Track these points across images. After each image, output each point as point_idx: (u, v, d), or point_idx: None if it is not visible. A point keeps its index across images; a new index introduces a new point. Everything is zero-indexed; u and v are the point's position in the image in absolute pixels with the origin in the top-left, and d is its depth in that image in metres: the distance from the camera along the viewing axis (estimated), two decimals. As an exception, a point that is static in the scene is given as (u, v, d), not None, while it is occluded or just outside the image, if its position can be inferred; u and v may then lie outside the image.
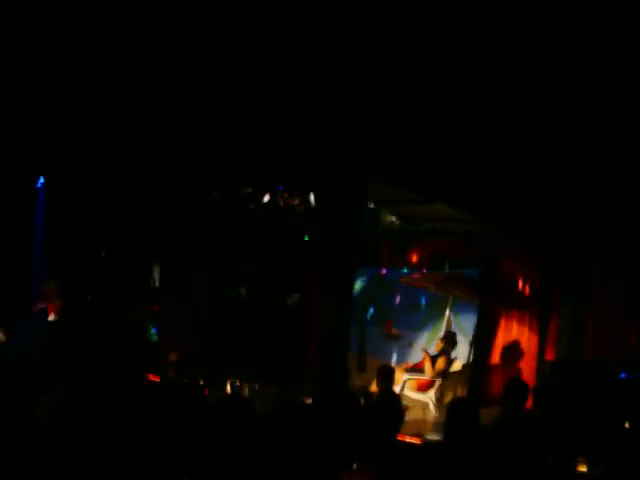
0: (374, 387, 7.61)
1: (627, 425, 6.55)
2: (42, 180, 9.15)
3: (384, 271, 12.05)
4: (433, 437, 7.95)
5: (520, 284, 10.90)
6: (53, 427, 4.82)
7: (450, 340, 10.21)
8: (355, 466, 6.14)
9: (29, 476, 4.16)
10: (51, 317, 9.46)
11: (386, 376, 6.73)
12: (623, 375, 7.96)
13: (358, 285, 11.85)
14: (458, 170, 7.01)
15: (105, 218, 10.16)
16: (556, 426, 5.72)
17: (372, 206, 8.83)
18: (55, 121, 6.52)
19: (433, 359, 10.09)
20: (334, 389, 5.59)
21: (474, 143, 6.44)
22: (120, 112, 6.14)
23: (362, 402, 6.39)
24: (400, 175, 6.48)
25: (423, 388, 9.98)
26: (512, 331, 11.01)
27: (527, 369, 10.58)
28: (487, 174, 7.34)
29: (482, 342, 10.84)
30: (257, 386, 8.16)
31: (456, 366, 10.42)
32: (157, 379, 8.33)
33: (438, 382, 9.94)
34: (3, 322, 8.01)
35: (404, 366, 10.50)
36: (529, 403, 6.16)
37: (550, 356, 10.13)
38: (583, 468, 5.64)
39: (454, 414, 4.77)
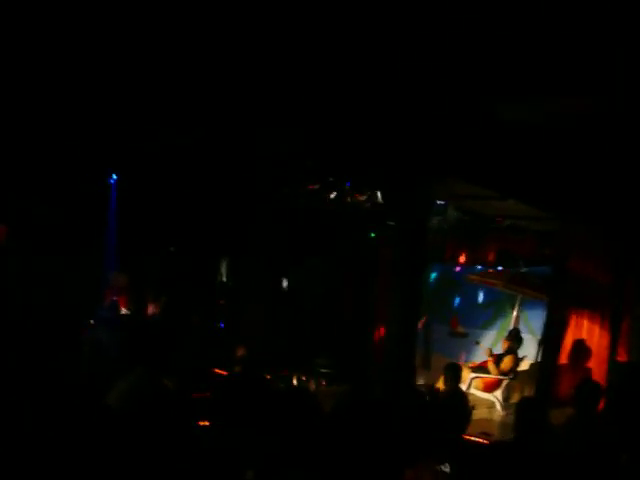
0: (440, 384, 7.56)
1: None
2: (115, 176, 9.39)
3: (452, 268, 11.93)
4: (499, 437, 7.87)
5: (592, 283, 10.67)
6: (125, 413, 4.97)
7: (516, 338, 10.06)
8: (421, 464, 6.14)
9: (102, 461, 4.29)
10: (122, 310, 9.75)
11: (454, 374, 6.70)
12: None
13: (424, 282, 11.77)
14: (532, 166, 6.89)
15: (176, 214, 10.38)
16: (629, 428, 5.60)
17: (441, 202, 8.78)
18: (127, 117, 6.67)
19: (499, 358, 9.96)
20: (401, 386, 5.59)
21: (548, 137, 6.32)
22: (190, 112, 6.24)
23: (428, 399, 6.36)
24: (473, 172, 6.41)
25: (490, 387, 9.86)
26: (582, 331, 10.78)
27: (597, 370, 10.34)
28: (562, 170, 7.20)
29: (551, 341, 10.63)
30: (324, 382, 8.22)
31: (524, 365, 10.26)
32: (224, 373, 8.47)
33: (505, 381, 9.81)
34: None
35: (470, 365, 10.38)
36: (601, 405, 6.05)
37: (622, 357, 9.88)
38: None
39: (523, 415, 4.71)
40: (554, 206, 7.87)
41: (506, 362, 9.87)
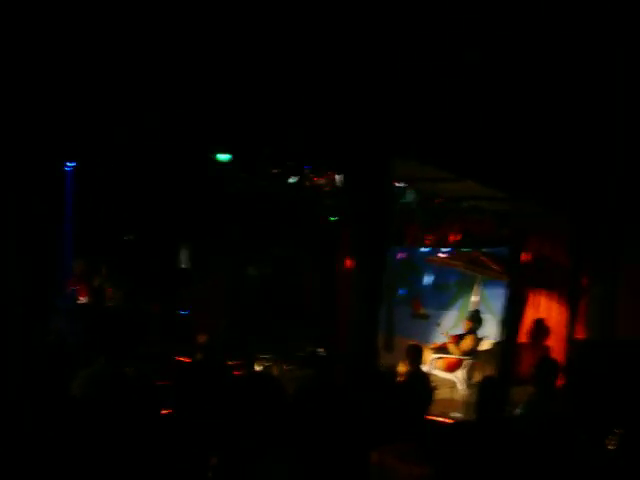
0: (402, 367, 7.62)
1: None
2: (71, 164, 9.23)
3: (412, 251, 12.00)
4: (462, 416, 7.97)
5: (550, 262, 10.84)
6: (88, 403, 4.92)
7: (476, 318, 10.19)
8: (385, 445, 6.20)
9: (66, 450, 4.25)
10: (82, 299, 9.64)
11: (415, 355, 6.74)
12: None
13: (386, 264, 11.82)
14: (489, 147, 6.94)
15: (135, 201, 10.26)
16: (588, 404, 5.70)
17: (400, 185, 8.78)
18: (83, 105, 6.54)
19: (460, 338, 10.08)
20: (364, 370, 5.62)
21: (506, 119, 6.38)
22: (148, 97, 6.14)
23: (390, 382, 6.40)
24: (430, 154, 6.43)
25: (451, 367, 9.97)
26: (541, 310, 10.97)
27: (556, 348, 10.53)
28: (519, 151, 7.27)
29: (511, 321, 10.79)
30: (286, 367, 8.22)
31: (485, 345, 10.39)
32: (187, 360, 8.43)
33: (467, 361, 9.92)
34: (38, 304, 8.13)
35: (432, 346, 10.48)
36: (559, 382, 6.14)
37: (580, 334, 10.06)
38: (615, 446, 5.61)
39: (484, 394, 4.75)
40: (510, 186, 7.94)
41: (467, 342, 9.99)
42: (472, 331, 10.13)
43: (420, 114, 6.10)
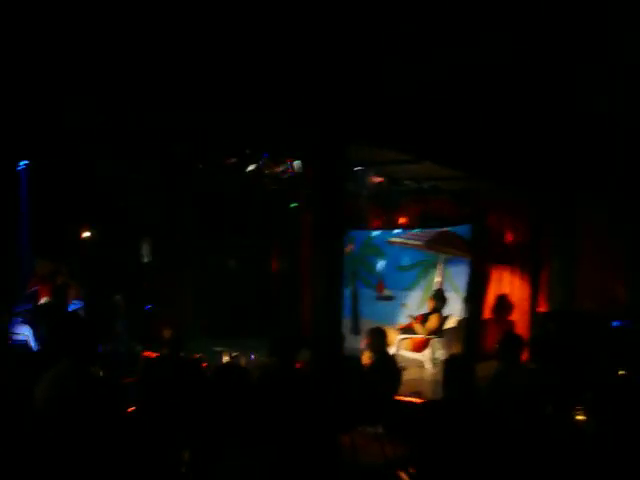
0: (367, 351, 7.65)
1: (622, 372, 6.63)
2: (24, 162, 9.08)
3: (374, 233, 12.04)
4: (431, 395, 8.03)
5: (511, 238, 10.96)
6: (53, 407, 4.85)
7: (439, 298, 10.26)
8: (355, 428, 6.23)
9: (32, 457, 4.19)
10: (43, 300, 9.49)
11: (378, 338, 6.74)
12: (616, 323, 8.03)
13: (348, 248, 11.85)
14: (444, 128, 6.97)
15: (94, 197, 10.13)
16: (553, 377, 5.78)
17: (359, 168, 8.79)
18: (37, 104, 6.44)
19: (425, 318, 10.15)
20: (329, 355, 5.63)
21: (459, 98, 6.40)
22: (98, 91, 6.04)
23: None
24: (385, 137, 6.44)
25: (418, 347, 10.05)
26: (504, 285, 11.09)
27: (521, 322, 10.67)
28: (474, 130, 7.31)
29: (475, 298, 10.91)
30: (255, 356, 8.20)
31: (451, 323, 10.47)
32: (154, 355, 8.37)
33: (433, 340, 10.00)
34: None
35: (398, 326, 10.54)
36: (525, 355, 6.22)
37: (542, 308, 10.20)
38: (581, 417, 5.71)
39: (450, 371, 4.79)
40: (468, 166, 8.00)
41: (432, 321, 10.06)
42: (436, 310, 10.20)
43: (374, 98, 6.09)
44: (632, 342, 7.51)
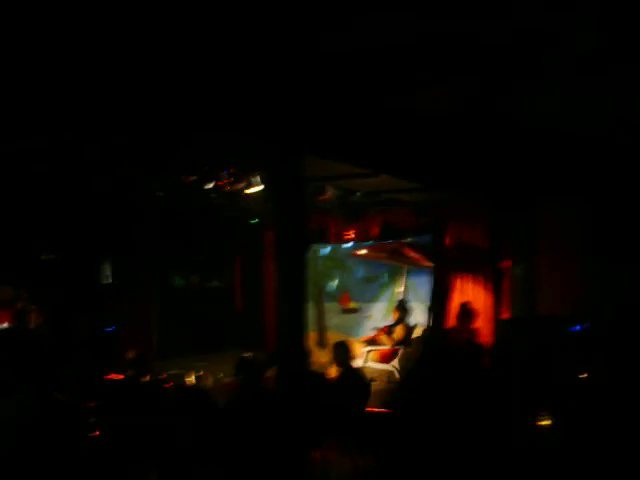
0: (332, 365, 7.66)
1: (583, 376, 6.72)
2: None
3: (337, 246, 12.08)
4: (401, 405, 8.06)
5: (471, 247, 11.07)
6: (17, 436, 4.79)
7: (403, 308, 10.32)
8: (327, 443, 6.22)
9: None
10: (4, 325, 9.36)
11: (342, 352, 6.75)
12: (578, 327, 8.14)
13: (311, 263, 11.86)
14: (400, 140, 7.03)
15: (53, 218, 10.01)
16: (515, 383, 5.85)
17: (319, 183, 8.82)
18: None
19: (390, 328, 10.20)
20: (294, 371, 5.62)
21: (415, 112, 6.47)
22: (53, 111, 5.99)
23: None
24: (342, 151, 6.48)
25: (386, 358, 10.08)
26: (467, 293, 11.18)
27: (485, 329, 10.76)
28: (430, 142, 7.39)
29: (438, 307, 10.98)
30: (222, 375, 8.16)
31: (417, 333, 10.53)
32: (120, 377, 8.29)
33: (400, 351, 10.04)
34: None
35: (364, 338, 10.58)
36: (486, 362, 6.29)
37: (505, 315, 10.31)
38: (546, 422, 5.78)
39: (411, 383, 4.83)
40: (425, 177, 8.08)
41: (397, 332, 10.11)
42: (401, 320, 10.26)
43: (329, 112, 6.13)
44: (591, 345, 7.62)
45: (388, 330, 10.22)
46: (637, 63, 5.47)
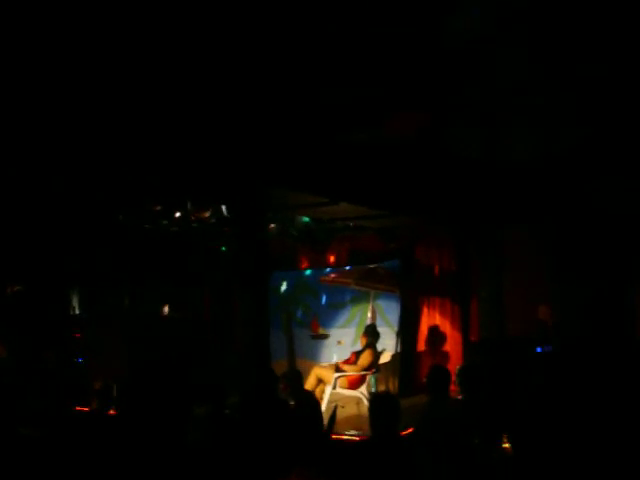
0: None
1: (545, 398, 6.78)
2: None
3: (305, 272, 12.12)
4: (366, 432, 8.05)
5: (438, 271, 11.17)
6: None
7: (372, 333, 10.30)
8: (294, 472, 6.20)
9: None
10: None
11: (295, 381, 6.63)
12: (539, 349, 8.22)
13: (279, 289, 11.89)
14: (358, 169, 7.12)
15: (16, 250, 9.95)
16: (478, 406, 5.88)
17: (285, 211, 8.88)
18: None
19: (357, 354, 10.18)
20: (258, 399, 5.61)
21: (370, 141, 6.56)
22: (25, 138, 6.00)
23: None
24: (301, 180, 6.55)
25: (354, 384, 10.03)
26: (435, 317, 11.27)
27: (454, 353, 10.84)
28: (388, 169, 7.49)
29: (407, 331, 11.04)
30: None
31: (385, 358, 10.54)
32: (85, 409, 8.19)
33: (368, 376, 10.04)
34: None
35: (334, 365, 10.56)
36: (453, 387, 6.31)
37: (474, 337, 10.38)
38: (507, 445, 5.81)
39: (375, 410, 4.85)
40: (386, 204, 8.17)
41: (365, 357, 10.08)
42: (370, 345, 10.25)
43: (287, 143, 6.20)
44: (556, 366, 7.70)
45: (356, 356, 10.21)
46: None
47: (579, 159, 7.78)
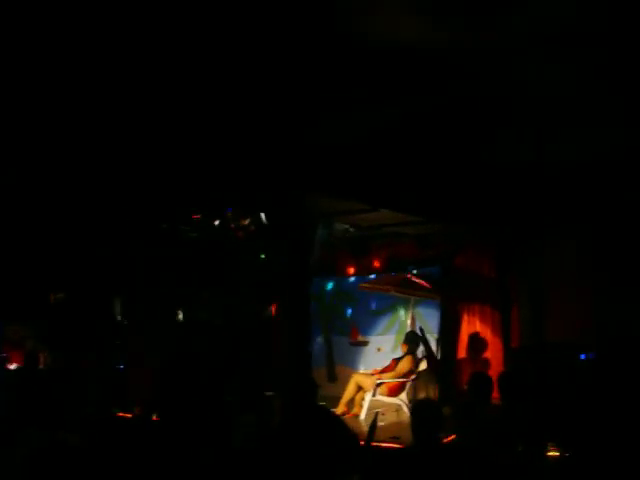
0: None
1: (590, 405, 6.67)
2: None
3: (344, 280, 12.10)
4: (410, 439, 8.00)
5: (479, 277, 11.06)
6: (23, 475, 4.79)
7: (411, 340, 10.25)
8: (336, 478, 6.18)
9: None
10: (13, 365, 9.40)
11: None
12: (583, 356, 8.10)
13: (319, 296, 11.88)
14: (399, 175, 7.11)
15: (61, 259, 10.10)
16: (520, 413, 5.81)
17: (325, 218, 8.89)
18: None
19: (397, 361, 10.14)
20: (300, 406, 5.60)
21: (411, 148, 6.54)
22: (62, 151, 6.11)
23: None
24: (342, 187, 6.56)
25: (394, 392, 10.00)
26: (476, 324, 11.15)
27: (495, 360, 10.71)
28: (429, 175, 7.46)
29: (447, 338, 10.95)
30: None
31: (425, 365, 10.46)
32: (128, 416, 8.28)
33: (408, 383, 9.99)
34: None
35: (373, 371, 10.52)
36: (495, 394, 6.24)
37: (515, 344, 10.26)
38: (554, 453, 5.74)
39: (417, 417, 4.81)
40: (425, 211, 8.14)
41: (404, 364, 10.04)
42: (410, 352, 10.20)
43: (329, 150, 6.21)
44: (600, 373, 7.58)
45: (395, 363, 10.17)
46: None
47: (622, 163, 7.67)
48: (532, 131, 6.25)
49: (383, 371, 10.19)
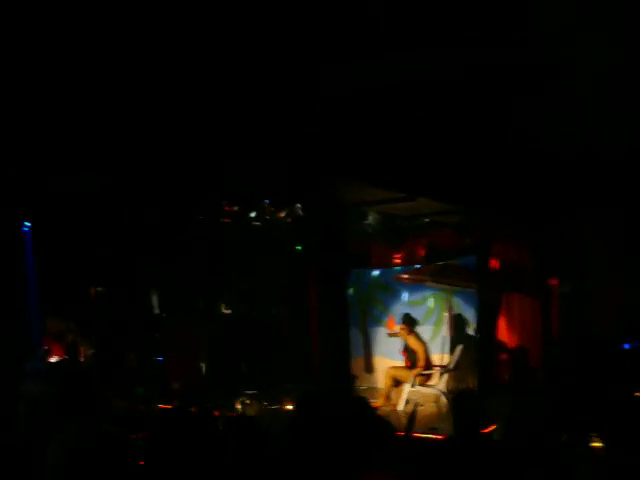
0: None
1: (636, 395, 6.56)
2: (28, 224, 9.16)
3: (381, 270, 12.04)
4: (449, 429, 7.96)
5: (517, 266, 10.94)
6: (66, 467, 4.83)
7: (406, 320, 10.35)
8: (374, 471, 6.16)
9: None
10: (54, 358, 9.51)
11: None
12: (627, 345, 7.96)
13: (356, 287, 11.84)
14: (436, 163, 7.03)
15: (99, 253, 10.20)
16: (562, 404, 5.74)
17: (360, 208, 8.85)
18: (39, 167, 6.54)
19: (406, 350, 10.16)
20: (339, 396, 5.59)
21: (449, 135, 6.46)
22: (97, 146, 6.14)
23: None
24: (378, 176, 6.50)
25: (433, 382, 9.99)
26: (515, 313, 11.04)
27: (534, 349, 10.57)
28: (466, 164, 7.36)
29: (486, 328, 10.85)
30: (266, 404, 8.17)
31: (463, 355, 10.39)
32: (169, 407, 8.35)
33: (447, 373, 9.94)
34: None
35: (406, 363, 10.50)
36: (536, 383, 6.18)
37: (555, 334, 10.14)
38: (597, 444, 5.64)
39: (458, 407, 4.77)
40: (464, 199, 8.04)
41: (413, 343, 10.06)
42: (410, 332, 10.24)
43: (365, 138, 6.16)
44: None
45: (407, 352, 10.17)
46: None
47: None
48: (574, 116, 6.13)
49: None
